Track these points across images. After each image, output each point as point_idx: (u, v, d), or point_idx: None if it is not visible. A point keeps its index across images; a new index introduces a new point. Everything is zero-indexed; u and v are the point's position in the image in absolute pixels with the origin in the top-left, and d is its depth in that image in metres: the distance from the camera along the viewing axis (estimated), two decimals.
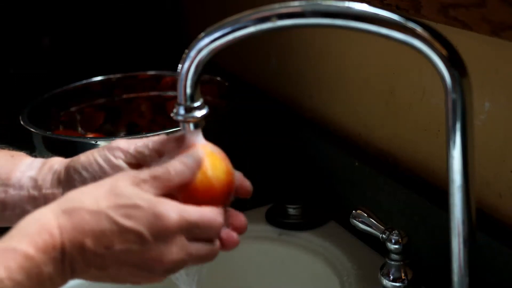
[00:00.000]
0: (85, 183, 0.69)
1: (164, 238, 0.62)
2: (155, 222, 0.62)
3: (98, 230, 0.61)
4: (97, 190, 0.63)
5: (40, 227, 0.59)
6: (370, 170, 1.04)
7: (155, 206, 0.62)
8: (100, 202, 0.61)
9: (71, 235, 0.60)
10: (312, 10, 0.64)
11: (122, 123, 1.35)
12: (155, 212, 0.62)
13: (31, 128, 1.13)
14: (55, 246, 0.59)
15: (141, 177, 0.64)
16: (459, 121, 0.65)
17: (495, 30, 0.73)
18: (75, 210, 0.61)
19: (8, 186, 0.73)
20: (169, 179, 0.64)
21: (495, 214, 0.87)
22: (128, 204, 0.61)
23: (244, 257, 1.11)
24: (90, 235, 0.60)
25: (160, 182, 0.64)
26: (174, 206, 0.63)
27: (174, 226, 0.62)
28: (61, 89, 1.31)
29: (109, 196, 0.62)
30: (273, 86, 1.35)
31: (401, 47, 0.66)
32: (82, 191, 0.63)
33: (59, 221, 0.60)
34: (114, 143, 0.71)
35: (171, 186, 0.65)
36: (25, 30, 1.57)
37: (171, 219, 0.62)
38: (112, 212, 0.61)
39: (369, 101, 1.07)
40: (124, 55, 1.64)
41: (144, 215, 0.61)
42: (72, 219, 0.60)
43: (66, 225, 0.60)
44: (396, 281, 0.88)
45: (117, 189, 0.62)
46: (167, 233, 0.62)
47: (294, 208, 1.12)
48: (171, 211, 0.62)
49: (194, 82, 0.67)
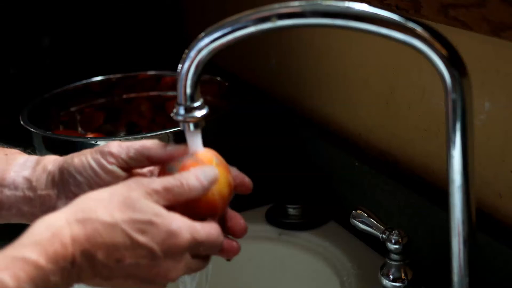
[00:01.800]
0: (79, 187, 0.70)
1: (173, 256, 0.63)
2: (168, 240, 0.62)
3: (111, 243, 0.61)
4: (111, 200, 0.62)
5: (53, 236, 0.59)
6: (370, 170, 1.04)
7: (169, 224, 0.62)
8: (115, 215, 0.61)
9: (83, 247, 0.60)
10: (312, 10, 0.64)
11: (122, 123, 1.35)
12: (169, 230, 0.62)
13: (31, 128, 1.13)
14: (66, 256, 0.59)
15: (153, 187, 0.64)
16: (459, 121, 0.65)
17: (495, 30, 0.73)
18: (89, 221, 0.60)
19: (3, 187, 0.73)
20: (180, 193, 0.65)
21: (495, 214, 0.87)
22: (143, 220, 0.62)
23: (244, 257, 1.10)
24: (103, 247, 0.60)
25: (172, 195, 0.64)
26: (186, 224, 0.64)
27: (185, 245, 0.63)
28: (61, 89, 1.31)
29: (124, 209, 0.62)
30: (273, 86, 1.35)
31: (401, 47, 0.66)
32: (96, 199, 0.63)
33: (72, 231, 0.60)
34: (106, 147, 0.70)
35: (181, 200, 0.65)
36: (25, 30, 1.57)
37: (184, 239, 0.63)
38: (127, 227, 0.61)
39: (369, 101, 1.07)
40: (124, 55, 1.64)
41: (158, 232, 0.62)
42: (85, 230, 0.60)
43: (79, 236, 0.60)
44: (396, 281, 0.88)
45: (131, 201, 0.62)
46: (177, 251, 0.63)
47: (294, 208, 1.12)
48: (184, 230, 0.63)
49: (194, 82, 0.67)
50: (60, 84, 1.32)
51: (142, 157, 0.70)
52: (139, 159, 0.70)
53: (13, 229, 0.65)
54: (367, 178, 1.04)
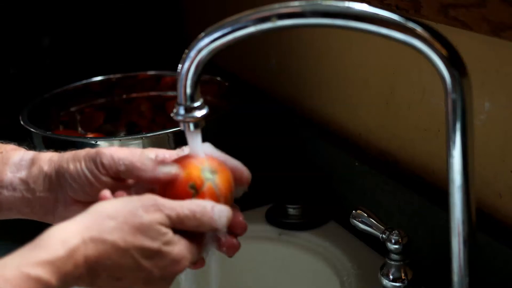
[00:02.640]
0: (76, 193, 0.71)
1: (169, 278, 0.67)
2: (170, 267, 0.66)
3: (118, 266, 0.63)
4: (126, 222, 0.64)
5: (68, 257, 0.60)
6: (370, 170, 1.04)
7: (176, 253, 0.66)
8: (128, 240, 0.63)
9: (92, 267, 0.62)
10: (312, 10, 0.64)
11: (122, 123, 1.35)
12: (173, 259, 0.66)
13: (31, 128, 1.13)
14: (75, 275, 0.61)
15: (169, 214, 0.65)
16: (459, 121, 0.65)
17: (495, 30, 0.73)
18: (103, 242, 0.62)
19: (2, 188, 0.74)
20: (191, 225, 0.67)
21: (495, 214, 0.87)
22: (153, 249, 0.64)
23: (244, 257, 1.10)
24: (109, 268, 0.63)
25: (182, 225, 0.66)
26: (188, 251, 0.67)
27: (181, 270, 0.67)
28: (61, 89, 1.31)
29: (137, 234, 0.64)
30: (273, 86, 1.35)
31: (401, 47, 0.66)
32: (112, 218, 0.64)
33: (86, 252, 0.61)
34: (99, 156, 0.71)
35: (187, 228, 0.67)
36: (25, 30, 1.57)
37: (183, 266, 0.67)
38: (137, 254, 0.64)
39: (369, 101, 1.07)
40: (124, 55, 1.64)
41: (163, 261, 0.65)
42: (98, 251, 0.62)
43: (91, 257, 0.62)
44: (396, 281, 0.88)
45: (145, 227, 0.64)
46: (174, 275, 0.67)
47: (294, 208, 1.12)
48: (185, 259, 0.66)
49: (194, 82, 0.67)
50: (60, 84, 1.32)
51: (131, 175, 0.71)
52: (128, 175, 0.71)
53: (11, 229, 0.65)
54: (367, 178, 1.04)
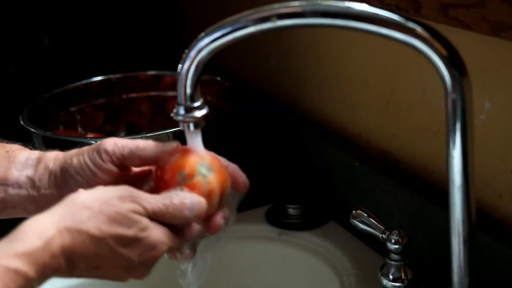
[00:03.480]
0: (81, 186, 0.71)
1: (149, 264, 0.67)
2: (148, 252, 0.66)
3: (95, 255, 0.64)
4: (101, 211, 0.64)
5: (44, 248, 0.60)
6: (370, 170, 1.04)
7: (153, 238, 0.66)
8: (104, 229, 0.64)
9: (69, 257, 0.62)
10: (312, 10, 0.64)
11: (122, 123, 1.35)
12: (151, 244, 0.66)
13: (31, 128, 1.13)
14: (53, 266, 0.61)
15: (144, 205, 0.66)
16: (459, 121, 0.65)
17: (495, 30, 0.73)
18: (79, 232, 0.62)
19: (7, 185, 0.75)
20: (165, 218, 0.67)
21: (495, 214, 0.87)
22: (129, 236, 0.64)
23: (244, 257, 1.11)
24: (87, 258, 0.63)
25: (156, 217, 0.67)
26: (166, 236, 0.67)
27: (160, 255, 0.67)
28: (61, 89, 1.31)
29: (112, 223, 0.64)
30: (273, 86, 1.35)
31: (401, 47, 0.66)
32: (87, 208, 0.64)
33: (62, 241, 0.62)
34: (102, 144, 0.72)
35: (163, 221, 0.67)
36: (25, 30, 1.57)
37: (162, 250, 0.67)
38: (113, 242, 0.64)
39: (369, 101, 1.07)
40: (124, 55, 1.64)
41: (140, 247, 0.65)
42: (74, 240, 0.62)
43: (67, 247, 0.62)
44: (396, 281, 0.88)
45: (120, 216, 0.64)
46: (153, 260, 0.67)
47: (294, 208, 1.12)
48: (164, 244, 0.66)
49: (194, 82, 0.67)
50: (60, 84, 1.32)
51: (135, 156, 0.71)
52: (132, 158, 0.71)
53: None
54: (367, 178, 1.04)
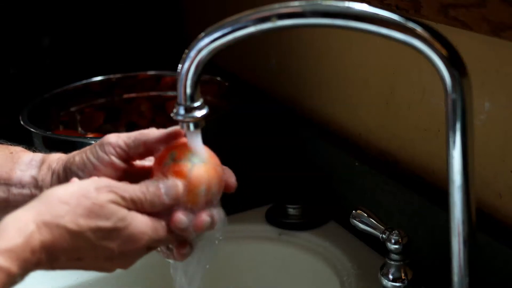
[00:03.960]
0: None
1: (130, 254, 0.67)
2: (128, 242, 0.65)
3: (75, 248, 0.64)
4: (79, 205, 0.64)
5: (24, 243, 0.60)
6: (370, 170, 1.04)
7: (132, 228, 0.65)
8: (81, 223, 0.63)
9: (49, 252, 0.62)
10: (312, 10, 0.64)
11: (122, 123, 1.35)
12: (131, 234, 0.65)
13: (31, 128, 1.13)
14: (33, 261, 0.61)
15: (122, 194, 0.65)
16: (459, 121, 0.65)
17: (495, 30, 0.73)
18: (57, 227, 0.62)
19: (10, 185, 0.75)
20: (144, 206, 0.66)
21: (495, 214, 0.87)
22: (108, 228, 0.64)
23: (244, 257, 1.11)
24: (67, 252, 0.63)
25: (136, 207, 0.66)
26: (147, 226, 0.66)
27: (142, 246, 0.66)
28: (61, 89, 1.31)
29: (90, 215, 0.64)
30: (273, 86, 1.35)
31: (401, 47, 0.66)
32: (64, 203, 0.64)
33: (41, 237, 0.62)
34: (105, 139, 0.72)
35: (143, 210, 0.67)
36: (25, 30, 1.57)
37: (142, 241, 0.66)
38: (92, 234, 0.64)
39: (369, 101, 1.07)
40: (124, 55, 1.64)
41: (120, 236, 0.65)
42: (53, 235, 0.62)
43: (47, 242, 0.62)
44: (396, 281, 0.88)
45: (98, 207, 0.64)
46: (134, 251, 0.66)
47: (294, 208, 1.12)
48: (145, 234, 0.66)
49: (194, 82, 0.67)
50: (60, 84, 1.32)
51: (139, 142, 0.71)
52: (136, 145, 0.71)
53: None
54: (367, 178, 1.04)
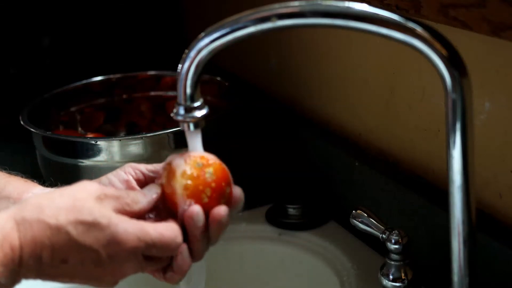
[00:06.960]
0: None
1: (119, 259, 0.63)
2: (113, 243, 0.62)
3: (57, 245, 0.61)
4: (61, 200, 0.63)
5: (3, 240, 0.60)
6: (370, 170, 1.04)
7: (115, 226, 0.62)
8: (61, 217, 0.62)
9: (30, 248, 0.61)
10: (312, 10, 0.64)
11: (122, 123, 1.35)
12: (114, 233, 0.62)
13: (31, 128, 1.13)
14: (14, 259, 0.60)
15: (105, 192, 0.65)
16: (459, 121, 0.65)
17: (495, 30, 0.73)
18: (36, 222, 0.61)
19: None
20: (127, 203, 0.65)
21: (495, 214, 0.87)
22: (88, 222, 0.62)
23: (244, 257, 1.11)
24: (49, 249, 0.61)
25: (120, 204, 0.65)
26: (134, 227, 0.63)
27: (131, 248, 0.63)
28: (61, 89, 1.31)
29: (71, 210, 0.62)
30: (273, 86, 1.35)
31: (401, 47, 0.66)
32: (46, 198, 0.63)
33: (20, 232, 0.61)
34: (128, 163, 0.72)
35: (128, 212, 0.65)
36: (25, 30, 1.57)
37: (130, 242, 0.63)
38: (72, 228, 0.61)
39: (369, 101, 1.07)
40: (124, 55, 1.64)
41: (102, 235, 0.62)
42: (32, 230, 0.61)
43: (26, 237, 0.61)
44: (396, 281, 0.88)
45: (80, 202, 0.63)
46: (123, 254, 0.63)
47: (294, 208, 1.12)
48: (131, 234, 0.63)
49: (194, 82, 0.67)
50: (60, 84, 1.32)
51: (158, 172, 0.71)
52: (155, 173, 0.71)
53: None
54: (367, 178, 1.04)
